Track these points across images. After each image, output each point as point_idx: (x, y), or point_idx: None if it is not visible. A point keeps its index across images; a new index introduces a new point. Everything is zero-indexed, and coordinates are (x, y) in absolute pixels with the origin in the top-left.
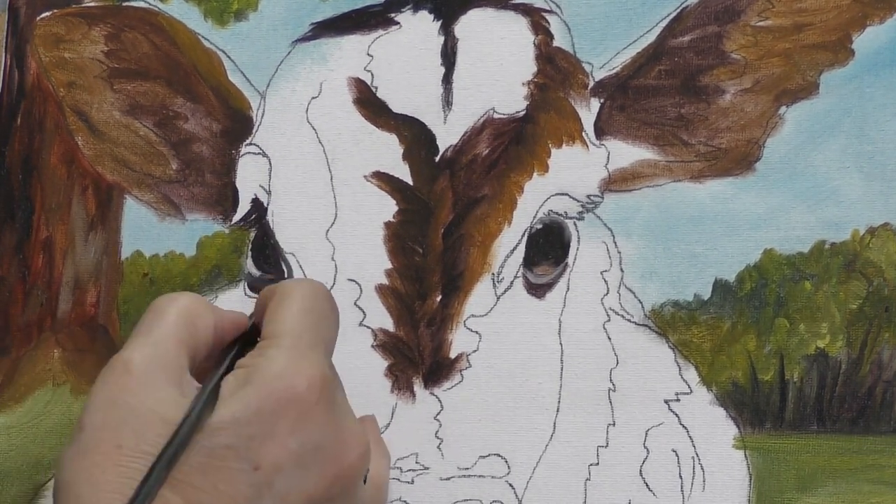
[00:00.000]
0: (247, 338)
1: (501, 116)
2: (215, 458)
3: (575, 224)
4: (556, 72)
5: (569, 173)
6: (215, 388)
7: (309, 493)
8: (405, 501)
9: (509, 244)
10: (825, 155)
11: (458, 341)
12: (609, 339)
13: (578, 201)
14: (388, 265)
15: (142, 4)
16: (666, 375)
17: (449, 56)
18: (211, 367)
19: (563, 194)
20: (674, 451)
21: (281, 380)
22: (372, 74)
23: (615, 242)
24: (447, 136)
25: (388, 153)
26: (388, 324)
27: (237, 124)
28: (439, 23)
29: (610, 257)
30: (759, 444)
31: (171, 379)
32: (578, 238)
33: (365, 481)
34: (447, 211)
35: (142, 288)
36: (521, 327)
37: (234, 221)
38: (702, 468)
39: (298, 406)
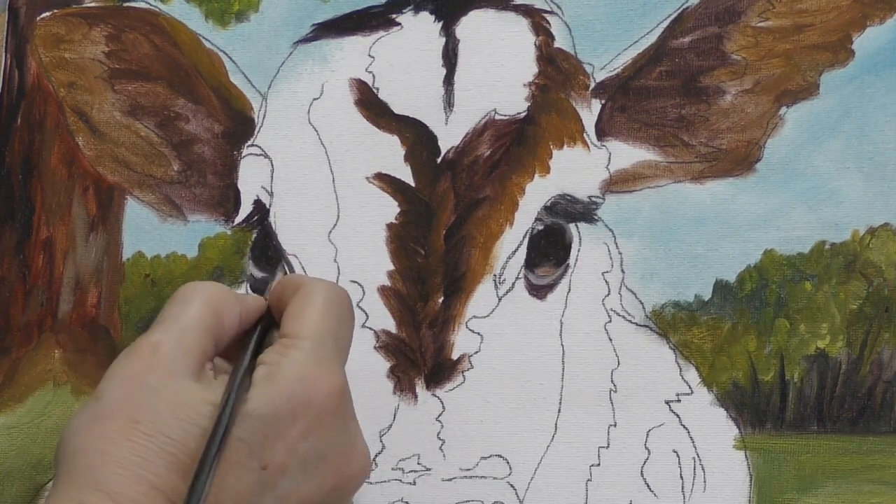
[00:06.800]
0: (266, 322)
1: (503, 117)
2: (229, 451)
3: (576, 225)
4: (557, 73)
5: (570, 174)
6: (245, 378)
7: (306, 498)
8: (407, 502)
9: (511, 245)
10: (825, 155)
11: (460, 342)
12: (610, 339)
13: (580, 202)
14: (391, 267)
15: (143, 5)
16: (667, 376)
17: (450, 57)
18: (233, 353)
19: (564, 195)
20: (675, 451)
21: (302, 384)
22: (373, 75)
23: (616, 243)
24: (449, 137)
25: (390, 154)
26: (391, 325)
27: (239, 125)
28: (440, 24)
29: (611, 258)
30: (759, 444)
31: (193, 365)
32: (580, 239)
33: None
34: (449, 212)
35: (143, 289)
36: (523, 328)
37: (236, 223)
38: (702, 469)
39: (314, 412)
